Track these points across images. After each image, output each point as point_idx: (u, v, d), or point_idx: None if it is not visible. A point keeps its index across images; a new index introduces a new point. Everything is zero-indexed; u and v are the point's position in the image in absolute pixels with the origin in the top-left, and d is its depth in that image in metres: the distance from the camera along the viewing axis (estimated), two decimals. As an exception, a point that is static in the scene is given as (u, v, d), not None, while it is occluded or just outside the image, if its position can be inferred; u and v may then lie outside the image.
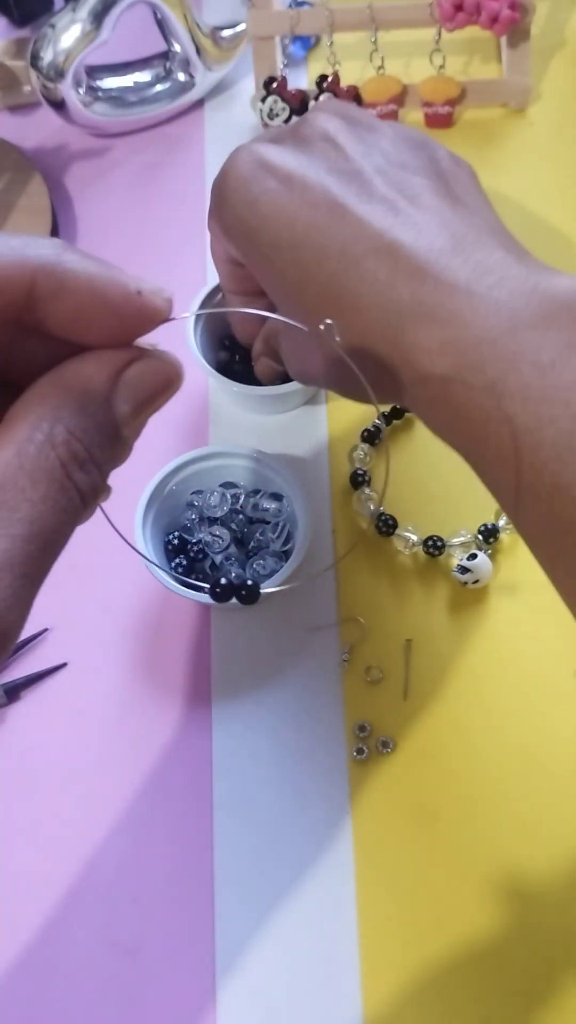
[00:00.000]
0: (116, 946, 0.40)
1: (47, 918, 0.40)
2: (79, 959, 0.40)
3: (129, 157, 0.64)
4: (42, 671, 0.45)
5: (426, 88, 0.62)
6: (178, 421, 0.52)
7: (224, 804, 0.42)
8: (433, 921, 0.39)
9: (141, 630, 0.46)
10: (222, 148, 0.64)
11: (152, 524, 0.45)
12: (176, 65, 0.64)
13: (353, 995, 0.38)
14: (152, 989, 0.39)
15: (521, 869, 0.40)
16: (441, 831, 0.41)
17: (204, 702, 0.44)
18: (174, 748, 0.44)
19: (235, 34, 0.64)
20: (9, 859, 0.42)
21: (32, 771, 0.43)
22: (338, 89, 0.63)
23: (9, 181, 0.61)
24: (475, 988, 0.38)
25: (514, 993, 0.38)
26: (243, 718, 0.44)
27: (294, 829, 0.41)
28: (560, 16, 0.69)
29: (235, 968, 0.39)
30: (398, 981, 0.38)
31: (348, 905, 0.40)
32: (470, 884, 0.40)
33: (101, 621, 0.47)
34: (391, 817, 0.41)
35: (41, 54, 0.59)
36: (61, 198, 0.62)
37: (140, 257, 0.60)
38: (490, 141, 0.63)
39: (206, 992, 0.39)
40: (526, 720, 0.43)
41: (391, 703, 0.44)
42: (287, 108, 0.63)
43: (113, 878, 0.41)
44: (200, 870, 0.41)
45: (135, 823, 0.42)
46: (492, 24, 0.61)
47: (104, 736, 0.44)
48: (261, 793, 0.42)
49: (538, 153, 0.62)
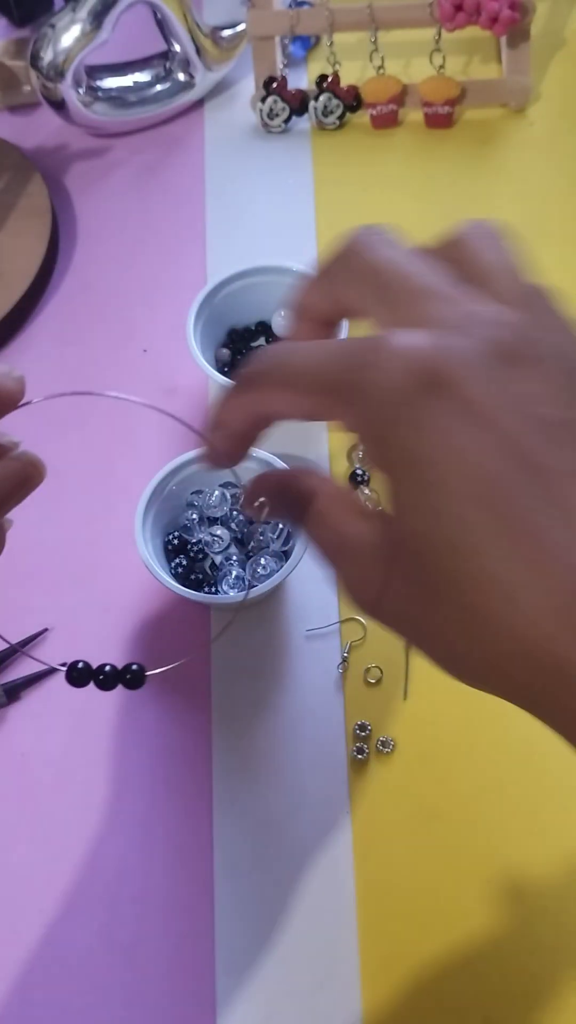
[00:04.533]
0: (116, 946, 0.40)
1: (47, 918, 0.40)
2: (79, 959, 0.40)
3: (129, 157, 0.64)
4: (42, 671, 0.45)
5: (426, 88, 0.62)
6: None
7: (224, 804, 0.42)
8: (433, 921, 0.39)
9: (141, 630, 0.46)
10: (222, 148, 0.64)
11: (152, 524, 0.45)
12: (176, 65, 0.64)
13: (353, 995, 0.38)
14: (152, 989, 0.39)
15: (521, 869, 0.40)
16: (441, 831, 0.41)
17: (204, 702, 0.44)
18: (174, 748, 0.43)
19: (235, 34, 0.64)
20: (9, 859, 0.42)
21: (32, 771, 0.43)
22: (338, 89, 0.63)
23: (9, 181, 0.61)
24: (475, 988, 0.38)
25: (514, 993, 0.38)
26: (243, 718, 0.44)
27: (294, 829, 0.41)
28: (560, 16, 0.69)
29: (235, 968, 0.39)
30: (398, 981, 0.38)
31: (348, 905, 0.40)
32: (470, 884, 0.40)
33: (101, 621, 0.47)
34: (391, 817, 0.41)
35: (41, 54, 0.59)
36: (61, 198, 0.62)
37: (140, 257, 0.60)
38: (490, 141, 0.63)
39: (206, 992, 0.39)
40: (526, 720, 0.43)
41: (391, 703, 0.44)
42: (287, 108, 0.63)
43: (113, 878, 0.41)
44: (200, 870, 0.41)
45: (135, 823, 0.42)
46: (492, 24, 0.61)
47: (104, 736, 0.44)
48: (261, 793, 0.42)
49: (538, 153, 0.62)
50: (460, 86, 0.63)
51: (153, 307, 0.57)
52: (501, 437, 0.26)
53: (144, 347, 0.56)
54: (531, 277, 0.29)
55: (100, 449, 0.52)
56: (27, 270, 0.57)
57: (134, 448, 0.51)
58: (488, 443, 0.26)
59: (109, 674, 0.32)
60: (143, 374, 0.55)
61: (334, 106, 0.63)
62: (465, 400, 0.26)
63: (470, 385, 0.26)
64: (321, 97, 0.63)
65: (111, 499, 0.50)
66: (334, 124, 0.64)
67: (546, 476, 0.26)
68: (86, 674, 0.32)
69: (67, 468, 0.51)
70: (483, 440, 0.26)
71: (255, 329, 0.53)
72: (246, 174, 0.63)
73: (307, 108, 0.63)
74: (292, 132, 0.64)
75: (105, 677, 0.32)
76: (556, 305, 0.29)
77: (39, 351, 0.56)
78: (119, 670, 0.32)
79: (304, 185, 0.62)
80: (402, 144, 0.63)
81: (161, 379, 0.54)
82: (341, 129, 0.64)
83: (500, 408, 0.26)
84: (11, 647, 0.45)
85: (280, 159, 0.63)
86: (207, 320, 0.51)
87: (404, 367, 0.26)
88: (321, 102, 0.63)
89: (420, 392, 0.26)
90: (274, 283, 0.52)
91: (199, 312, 0.50)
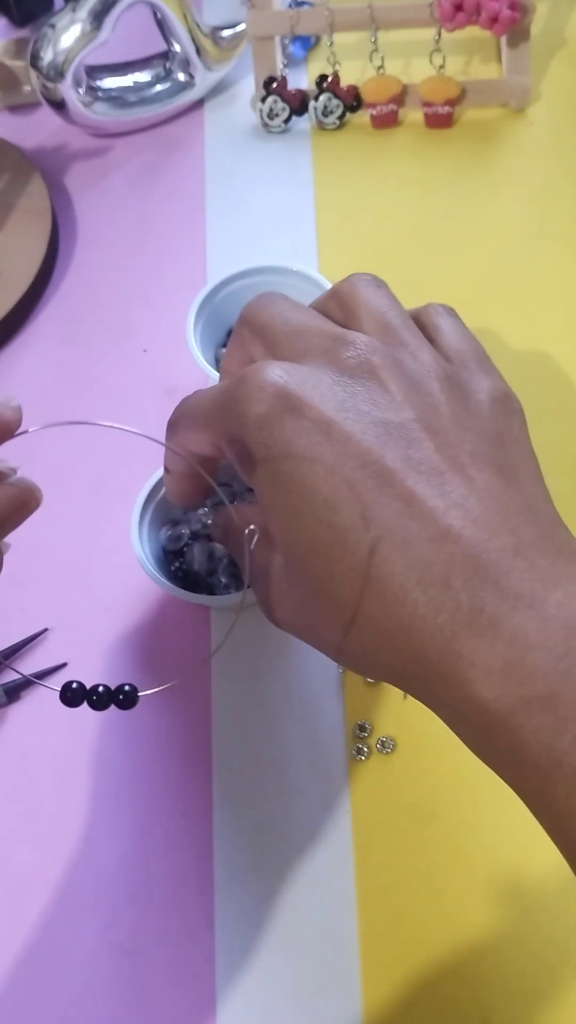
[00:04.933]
0: (116, 946, 0.40)
1: (47, 918, 0.40)
2: (79, 959, 0.40)
3: (129, 157, 0.64)
4: (42, 671, 0.45)
5: (426, 88, 0.62)
6: (178, 421, 0.52)
7: (224, 804, 0.42)
8: (433, 921, 0.39)
9: (141, 630, 0.46)
10: (222, 148, 0.64)
11: (149, 525, 0.45)
12: (176, 65, 0.64)
13: (353, 995, 0.38)
14: (152, 989, 0.39)
15: (521, 869, 0.40)
16: (441, 831, 0.41)
17: (204, 702, 0.44)
18: (174, 748, 0.44)
19: (235, 34, 0.64)
20: (9, 859, 0.42)
21: (32, 771, 0.43)
22: (338, 89, 0.63)
23: (9, 181, 0.61)
24: (475, 988, 0.38)
25: (514, 993, 0.38)
26: (242, 718, 0.44)
27: (294, 829, 0.41)
28: (560, 16, 0.69)
29: (235, 968, 0.39)
30: (398, 981, 0.38)
31: (348, 905, 0.40)
32: (470, 884, 0.40)
33: (101, 621, 0.47)
34: (391, 817, 0.41)
35: (41, 54, 0.59)
36: (61, 198, 0.62)
37: (140, 257, 0.60)
38: (490, 141, 0.63)
39: (206, 992, 0.39)
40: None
41: (391, 703, 0.44)
42: (287, 108, 0.63)
43: (113, 878, 0.41)
44: (200, 870, 0.41)
45: (135, 823, 0.42)
46: (492, 24, 0.61)
47: (103, 736, 0.44)
48: (261, 793, 0.42)
49: (538, 153, 0.62)
50: (460, 86, 0.63)
51: (153, 307, 0.57)
52: (346, 443, 0.30)
53: (144, 347, 0.56)
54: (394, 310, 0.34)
55: (101, 450, 0.52)
56: (27, 270, 0.57)
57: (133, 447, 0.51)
58: (334, 449, 0.30)
59: (103, 695, 0.32)
60: (143, 374, 0.55)
61: (334, 106, 0.63)
62: (313, 414, 0.30)
63: (316, 402, 0.30)
64: (321, 97, 0.63)
65: (112, 499, 0.50)
66: (334, 124, 0.64)
67: (388, 474, 0.29)
68: (80, 695, 0.32)
69: (67, 468, 0.51)
70: (330, 448, 0.30)
71: (255, 329, 0.53)
72: (246, 174, 0.63)
73: (307, 108, 0.63)
74: (292, 132, 0.64)
75: (98, 698, 0.32)
76: (410, 328, 0.34)
77: (39, 351, 0.56)
78: (112, 691, 0.32)
79: (304, 185, 0.62)
80: (402, 144, 0.63)
81: (161, 379, 0.54)
82: (341, 129, 0.64)
83: (344, 419, 0.30)
84: (3, 652, 0.46)
85: (280, 159, 0.63)
86: (207, 320, 0.51)
87: (261, 396, 0.31)
88: (321, 102, 0.63)
89: (276, 414, 0.30)
90: (274, 283, 0.52)
91: (199, 312, 0.50)
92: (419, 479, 0.29)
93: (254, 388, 0.31)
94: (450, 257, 0.58)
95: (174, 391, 0.53)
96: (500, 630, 0.27)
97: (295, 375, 0.31)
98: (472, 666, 0.27)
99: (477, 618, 0.27)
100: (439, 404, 0.31)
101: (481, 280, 0.57)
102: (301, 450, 0.30)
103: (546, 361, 0.54)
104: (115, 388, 0.54)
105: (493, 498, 0.29)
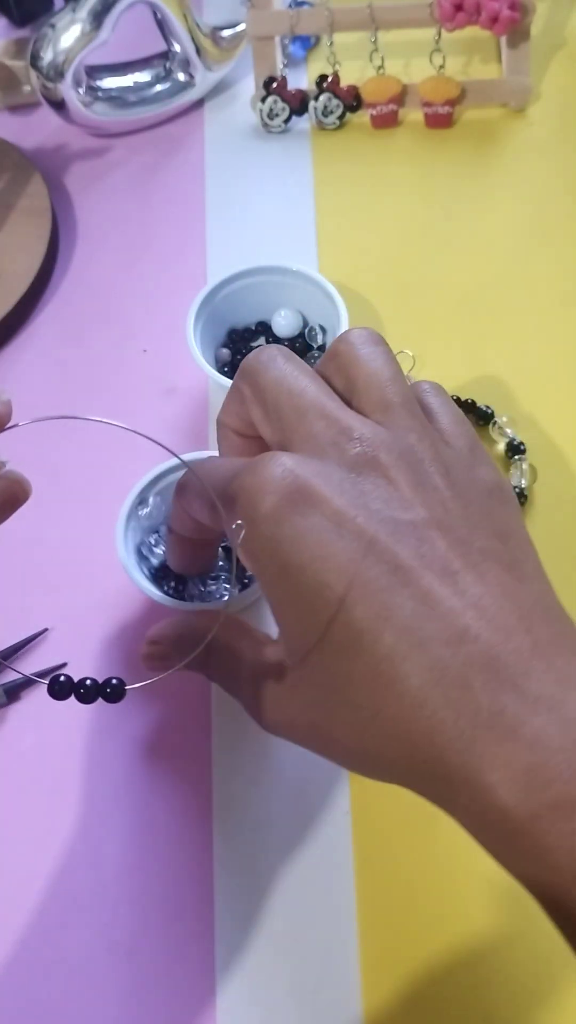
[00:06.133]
0: (116, 946, 0.40)
1: (47, 918, 0.40)
2: (79, 959, 0.40)
3: (129, 157, 0.64)
4: (42, 671, 0.45)
5: (426, 88, 0.62)
6: (178, 421, 0.52)
7: (224, 804, 0.42)
8: (433, 921, 0.39)
9: (141, 630, 0.46)
10: (222, 148, 0.64)
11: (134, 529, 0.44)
12: (176, 65, 0.64)
13: (353, 995, 0.38)
14: (152, 989, 0.39)
15: (521, 869, 0.40)
16: (441, 831, 0.41)
17: (204, 702, 0.44)
18: (174, 748, 0.43)
19: (235, 34, 0.64)
20: (9, 859, 0.42)
21: (32, 771, 0.43)
22: (338, 89, 0.63)
23: (9, 181, 0.61)
24: (475, 988, 0.38)
25: (514, 993, 0.38)
26: (243, 717, 0.44)
27: (294, 829, 0.41)
28: (560, 16, 0.69)
29: (235, 968, 0.39)
30: (398, 981, 0.38)
31: (348, 905, 0.40)
32: (470, 884, 0.40)
33: (101, 621, 0.47)
34: (391, 817, 0.41)
35: (41, 54, 0.59)
36: (61, 198, 0.62)
37: (140, 257, 0.60)
38: (490, 141, 0.63)
39: (206, 992, 0.39)
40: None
41: (391, 703, 0.44)
42: (287, 108, 0.63)
43: (113, 878, 0.41)
44: (200, 870, 0.41)
45: (135, 823, 0.42)
46: (492, 24, 0.61)
47: (103, 737, 0.44)
48: (261, 793, 0.42)
49: (538, 153, 0.62)
50: (460, 86, 0.63)
51: (153, 307, 0.57)
52: (357, 538, 0.29)
53: (144, 347, 0.56)
54: (395, 385, 0.33)
55: (101, 449, 0.52)
56: (27, 270, 0.57)
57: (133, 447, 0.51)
58: (347, 547, 0.29)
59: (90, 688, 0.32)
60: (143, 374, 0.55)
61: (334, 106, 0.63)
62: (325, 510, 0.30)
63: (326, 497, 0.30)
64: (321, 97, 0.63)
65: (112, 499, 0.50)
66: (334, 124, 0.64)
67: (403, 572, 0.29)
68: (67, 687, 0.32)
69: (67, 468, 0.51)
70: (342, 545, 0.29)
71: (255, 329, 0.53)
72: (246, 174, 0.63)
73: (307, 108, 0.63)
74: (292, 132, 0.64)
75: (86, 691, 0.32)
76: (410, 409, 0.33)
77: (39, 351, 0.56)
78: (100, 684, 0.32)
79: (304, 185, 0.62)
80: (402, 144, 0.63)
81: (161, 379, 0.54)
82: (341, 129, 0.64)
83: (355, 514, 0.30)
84: (3, 652, 0.46)
85: (280, 159, 0.63)
86: (207, 320, 0.51)
87: (272, 489, 0.30)
88: (321, 102, 0.63)
89: (286, 510, 0.30)
90: (274, 283, 0.52)
91: (199, 312, 0.50)
92: (434, 578, 0.29)
93: (265, 480, 0.30)
94: (450, 256, 0.58)
95: (174, 391, 0.53)
96: (521, 733, 0.26)
97: (305, 470, 0.30)
98: (494, 770, 0.27)
99: (498, 721, 0.27)
100: (446, 500, 0.31)
101: (481, 279, 0.57)
102: (312, 546, 0.29)
103: (546, 361, 0.54)
104: (115, 388, 0.54)
105: (506, 596, 0.29)
